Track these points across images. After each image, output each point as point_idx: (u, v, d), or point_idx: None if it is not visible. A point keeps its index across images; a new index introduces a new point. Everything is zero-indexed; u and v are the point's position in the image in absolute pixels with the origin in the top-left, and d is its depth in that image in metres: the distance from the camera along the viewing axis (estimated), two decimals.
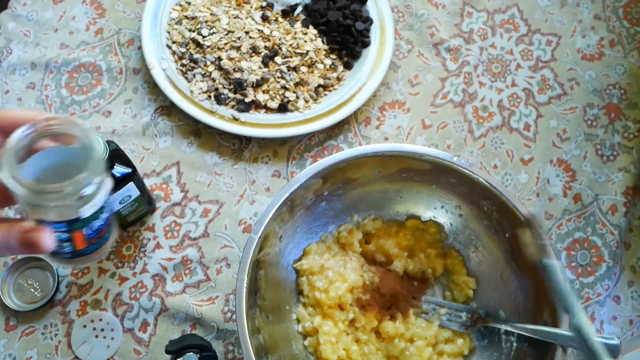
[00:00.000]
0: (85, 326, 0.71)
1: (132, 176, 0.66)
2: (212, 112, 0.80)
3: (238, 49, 0.83)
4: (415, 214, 0.75)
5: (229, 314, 0.72)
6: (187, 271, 0.74)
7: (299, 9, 0.88)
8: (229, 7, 0.87)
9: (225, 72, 0.82)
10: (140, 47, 0.86)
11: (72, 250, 0.43)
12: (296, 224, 0.70)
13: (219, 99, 0.81)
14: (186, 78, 0.83)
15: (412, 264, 0.72)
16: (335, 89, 0.85)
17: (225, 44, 0.83)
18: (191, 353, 0.63)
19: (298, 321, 0.70)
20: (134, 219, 0.75)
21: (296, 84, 0.83)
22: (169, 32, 0.86)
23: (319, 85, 0.84)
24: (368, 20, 0.88)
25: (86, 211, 0.40)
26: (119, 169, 0.65)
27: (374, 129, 0.85)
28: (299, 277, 0.71)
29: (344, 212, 0.74)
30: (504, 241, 0.69)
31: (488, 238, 0.71)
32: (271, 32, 0.85)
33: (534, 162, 0.84)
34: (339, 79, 0.85)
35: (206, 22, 0.84)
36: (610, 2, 0.95)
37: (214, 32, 0.83)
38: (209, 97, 0.82)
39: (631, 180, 0.83)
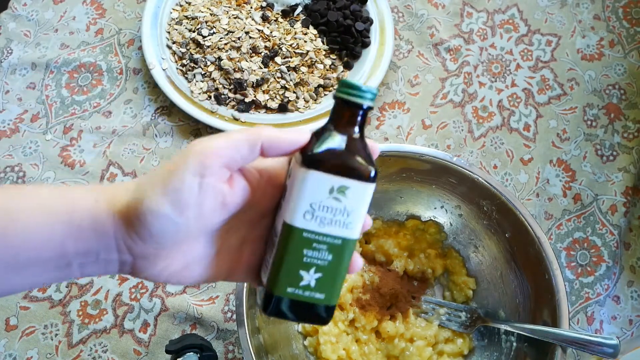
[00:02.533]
0: None
1: None
2: (212, 112, 0.80)
3: (238, 49, 0.83)
4: (415, 214, 0.76)
5: (229, 314, 0.72)
6: None
7: (299, 9, 0.88)
8: (229, 7, 0.87)
9: (225, 72, 0.82)
10: (140, 47, 0.86)
11: None
12: None
13: (219, 99, 0.81)
14: (186, 78, 0.83)
15: (412, 264, 0.72)
16: (335, 89, 0.85)
17: (226, 44, 0.83)
18: (191, 353, 0.63)
19: None
20: None
21: (296, 84, 0.83)
22: (169, 32, 0.86)
23: (319, 85, 0.84)
24: (368, 21, 0.88)
25: None
26: None
27: (374, 129, 0.85)
28: None
29: None
30: (504, 241, 0.69)
31: (488, 238, 0.71)
32: (271, 32, 0.85)
33: (533, 162, 0.84)
34: (339, 79, 0.85)
35: (206, 22, 0.84)
36: (610, 2, 0.95)
37: (214, 32, 0.83)
38: (209, 97, 0.82)
39: (631, 180, 0.83)
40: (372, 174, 0.37)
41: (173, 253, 0.38)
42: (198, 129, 0.83)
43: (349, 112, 0.38)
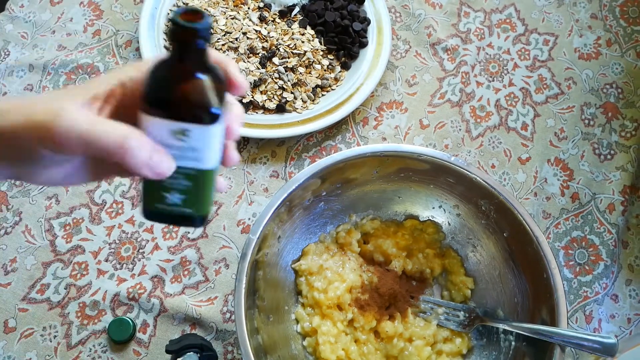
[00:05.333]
0: None
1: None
2: None
3: (236, 49, 0.83)
4: (414, 213, 0.76)
5: (227, 315, 0.72)
6: (185, 272, 0.74)
7: (297, 9, 0.88)
8: (227, 8, 0.87)
9: None
10: (138, 49, 0.86)
11: None
12: (294, 225, 0.70)
13: None
14: None
15: (411, 263, 0.72)
16: (332, 90, 0.85)
17: (223, 44, 0.83)
18: (191, 353, 0.63)
19: (297, 321, 0.70)
20: None
21: (294, 85, 0.83)
22: (166, 34, 0.86)
23: (317, 86, 0.84)
24: (365, 21, 0.88)
25: None
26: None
27: (372, 129, 0.85)
28: (297, 277, 0.71)
29: (343, 212, 0.74)
30: (502, 240, 0.69)
31: (486, 237, 0.71)
32: (269, 32, 0.85)
33: (531, 161, 0.84)
34: (336, 80, 0.85)
35: None
36: (607, 1, 0.96)
37: (211, 33, 0.83)
38: None
39: (628, 179, 0.83)
40: (210, 117, 0.37)
41: (52, 170, 0.38)
42: None
43: (186, 45, 0.36)
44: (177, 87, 0.37)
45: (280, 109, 0.82)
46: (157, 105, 0.36)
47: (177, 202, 0.40)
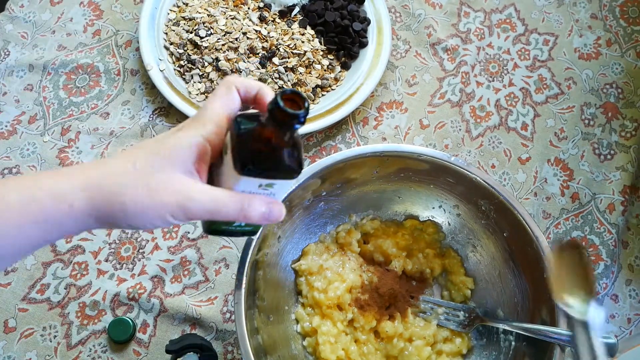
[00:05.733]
0: None
1: None
2: None
3: (236, 49, 0.83)
4: (414, 213, 0.76)
5: (227, 315, 0.72)
6: (185, 272, 0.74)
7: (297, 9, 0.88)
8: (227, 8, 0.87)
9: (223, 73, 0.82)
10: (138, 49, 0.86)
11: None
12: (295, 225, 0.70)
13: None
14: (184, 79, 0.83)
15: (411, 263, 0.72)
16: (332, 90, 0.85)
17: (223, 44, 0.83)
18: (191, 353, 0.63)
19: (297, 321, 0.70)
20: None
21: (294, 85, 0.83)
22: (166, 34, 0.86)
23: (317, 86, 0.84)
24: (365, 21, 0.88)
25: None
26: None
27: (372, 129, 0.85)
28: (297, 277, 0.71)
29: (343, 212, 0.74)
30: (502, 240, 0.69)
31: (486, 237, 0.71)
32: (269, 32, 0.85)
33: (531, 161, 0.84)
34: (336, 80, 0.85)
35: (204, 23, 0.84)
36: (607, 1, 0.96)
37: (211, 33, 0.83)
38: (207, 98, 0.82)
39: (628, 179, 0.83)
40: (295, 173, 0.44)
41: None
42: None
43: (284, 126, 0.41)
44: (273, 157, 0.42)
45: None
46: (252, 169, 0.42)
47: (242, 224, 0.48)
